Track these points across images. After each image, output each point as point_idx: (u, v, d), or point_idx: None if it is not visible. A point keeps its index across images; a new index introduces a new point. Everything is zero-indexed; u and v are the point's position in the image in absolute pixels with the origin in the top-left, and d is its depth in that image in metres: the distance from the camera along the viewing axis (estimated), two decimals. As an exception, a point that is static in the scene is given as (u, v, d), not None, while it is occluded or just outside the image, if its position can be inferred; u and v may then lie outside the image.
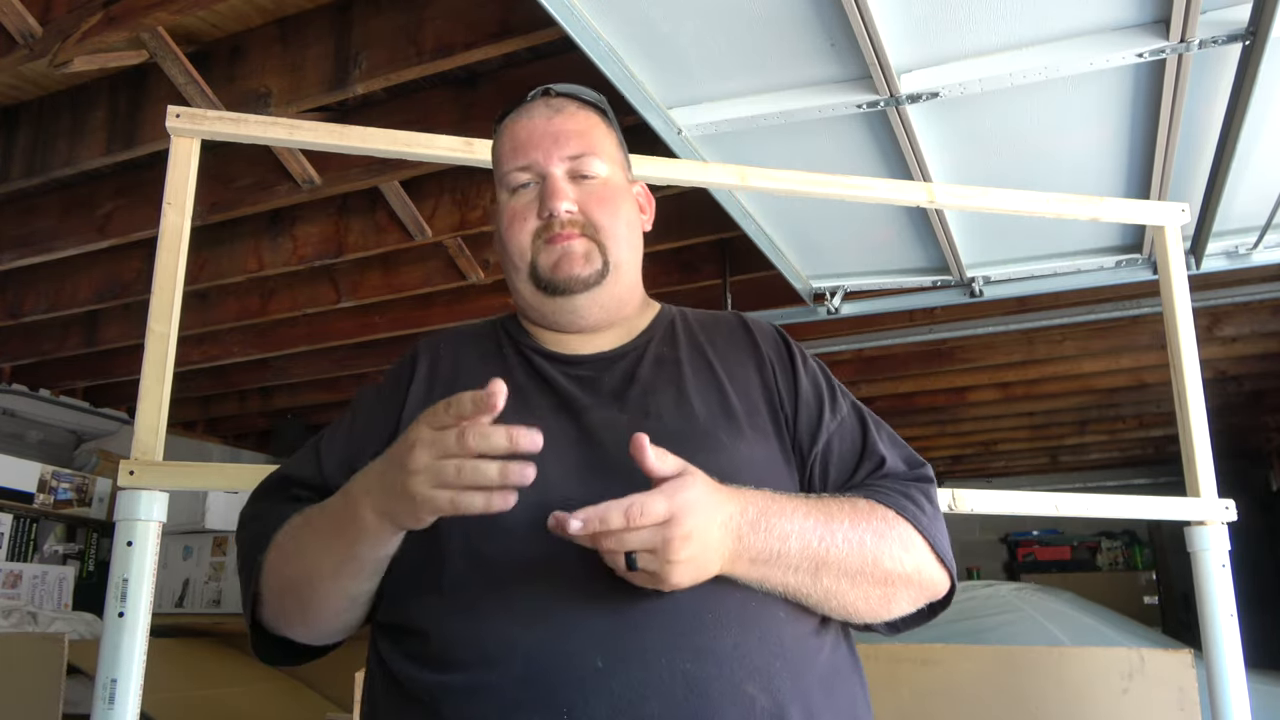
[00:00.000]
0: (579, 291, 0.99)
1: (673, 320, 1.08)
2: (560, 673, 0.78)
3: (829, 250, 2.60)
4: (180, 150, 1.39)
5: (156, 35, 1.97)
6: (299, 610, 0.91)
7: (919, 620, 0.95)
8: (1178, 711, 1.76)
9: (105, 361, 4.13)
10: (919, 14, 1.57)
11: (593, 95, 1.08)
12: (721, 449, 0.91)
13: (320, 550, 0.86)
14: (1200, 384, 1.65)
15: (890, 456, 0.99)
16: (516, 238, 1.01)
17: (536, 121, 1.02)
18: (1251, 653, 1.62)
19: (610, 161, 1.03)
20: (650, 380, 0.98)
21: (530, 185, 1.01)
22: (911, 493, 0.94)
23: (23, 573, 3.53)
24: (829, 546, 0.84)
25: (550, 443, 0.85)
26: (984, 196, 1.73)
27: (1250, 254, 2.44)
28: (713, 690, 0.78)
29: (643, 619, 0.80)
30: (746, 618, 0.83)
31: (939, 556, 0.91)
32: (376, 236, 2.80)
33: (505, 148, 1.04)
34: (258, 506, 1.00)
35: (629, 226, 1.03)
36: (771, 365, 1.02)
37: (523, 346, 1.03)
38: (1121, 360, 4.15)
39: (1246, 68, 1.61)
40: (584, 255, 0.98)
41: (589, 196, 1.00)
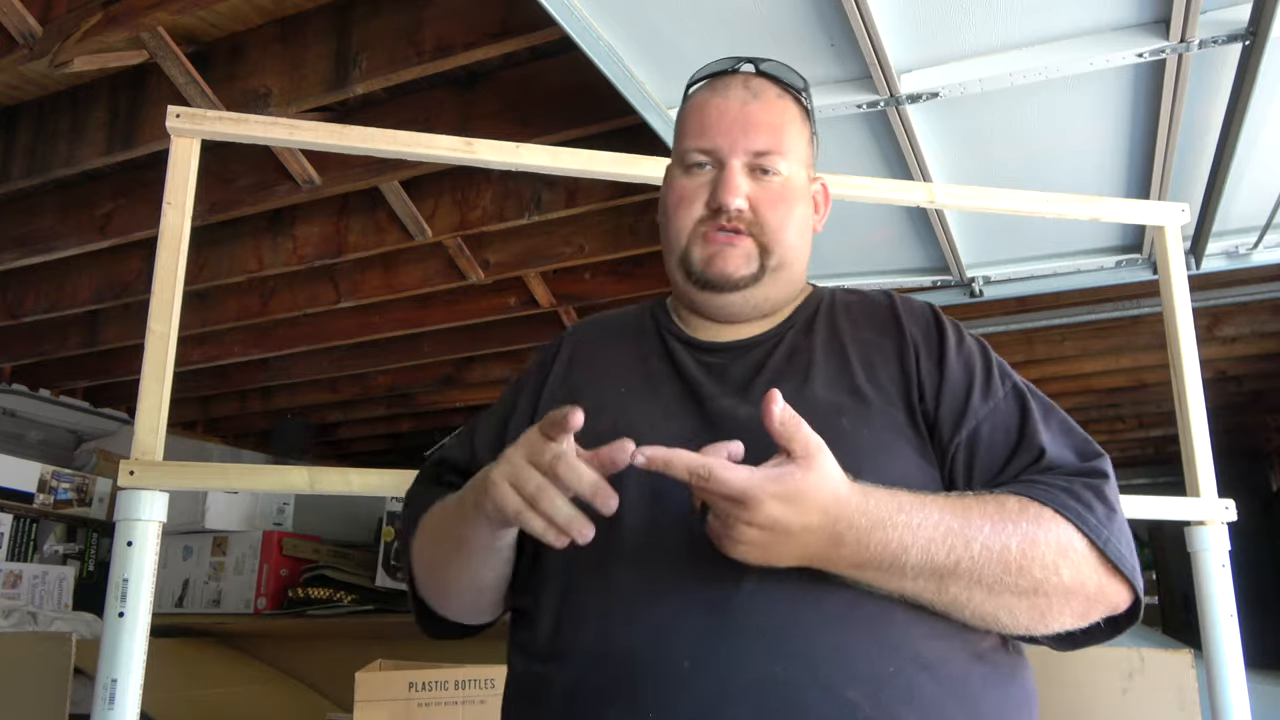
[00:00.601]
0: (730, 290, 0.96)
1: (819, 305, 1.02)
2: (647, 672, 0.76)
3: (828, 250, 2.59)
4: (180, 150, 1.39)
5: (156, 35, 1.97)
6: (439, 590, 0.95)
7: (1097, 637, 0.84)
8: (1178, 711, 1.76)
9: (105, 361, 4.13)
10: (919, 14, 1.57)
11: (797, 80, 1.02)
12: (841, 436, 0.81)
13: (444, 535, 0.89)
14: (1200, 384, 1.65)
15: (1054, 447, 0.87)
16: (679, 220, 0.97)
17: (731, 103, 0.96)
18: (1251, 653, 1.62)
19: (795, 160, 0.98)
20: (779, 370, 0.93)
21: (706, 168, 0.96)
22: (1077, 489, 0.82)
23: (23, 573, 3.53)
24: (959, 557, 0.74)
25: (670, 433, 0.86)
26: (984, 196, 1.73)
27: (1250, 254, 2.44)
28: (806, 696, 0.73)
29: (738, 618, 0.76)
30: (857, 615, 0.77)
31: (1113, 564, 0.79)
32: (376, 236, 2.80)
33: (690, 123, 0.98)
34: (415, 489, 1.04)
35: (799, 230, 0.98)
36: (915, 348, 0.94)
37: (664, 331, 1.01)
38: (1121, 360, 4.15)
39: (1246, 68, 1.61)
40: (744, 256, 0.95)
41: (764, 194, 0.95)
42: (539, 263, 2.98)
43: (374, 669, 2.07)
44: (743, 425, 0.86)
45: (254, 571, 3.74)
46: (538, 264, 3.00)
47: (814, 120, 1.05)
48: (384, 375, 4.38)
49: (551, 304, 3.31)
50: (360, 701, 1.97)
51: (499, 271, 3.03)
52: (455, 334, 3.77)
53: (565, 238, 2.89)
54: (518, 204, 2.62)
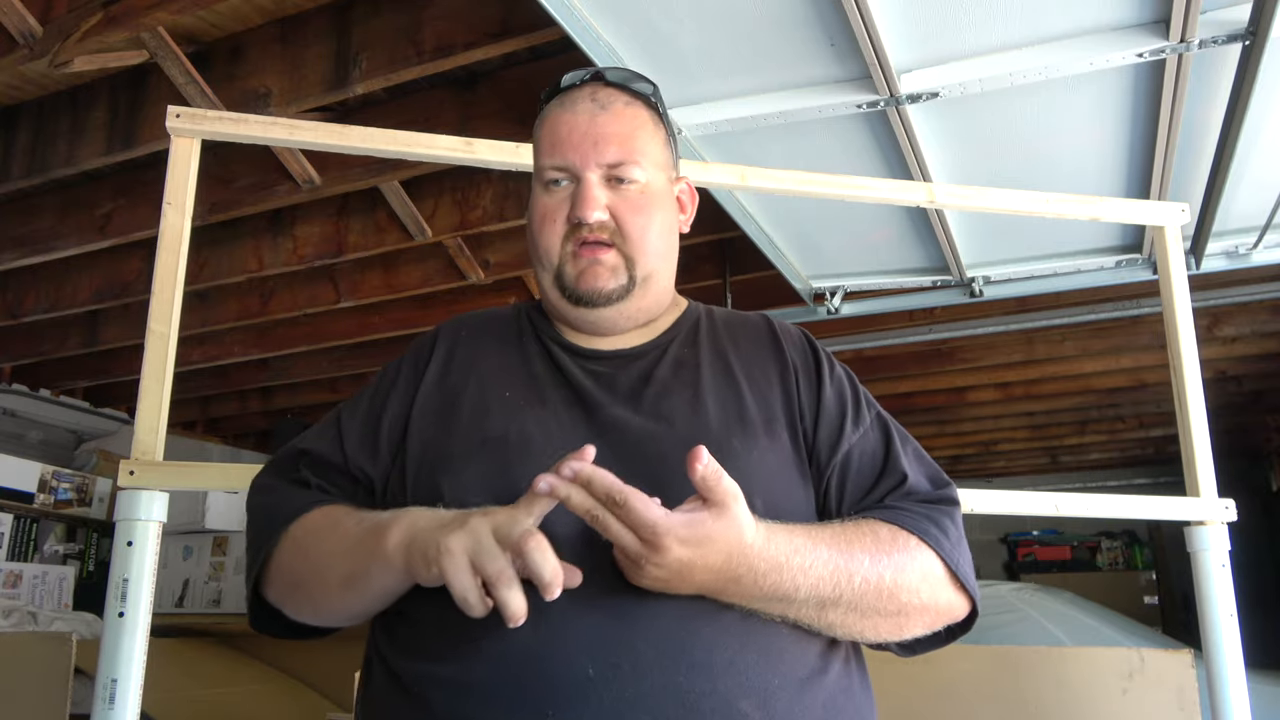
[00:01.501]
0: (603, 305, 0.97)
1: (698, 320, 1.05)
2: (550, 677, 0.77)
3: (829, 250, 2.60)
4: (180, 150, 1.39)
5: (156, 35, 1.97)
6: (308, 606, 0.91)
7: (936, 643, 0.93)
8: (1178, 711, 1.76)
9: (105, 361, 4.13)
10: (919, 14, 1.57)
11: (644, 87, 1.03)
12: (733, 456, 0.88)
13: (338, 559, 0.85)
14: (1200, 384, 1.65)
15: (913, 473, 0.96)
16: (546, 238, 0.98)
17: (579, 118, 0.97)
18: (1251, 653, 1.62)
19: (652, 165, 0.99)
20: (667, 382, 0.96)
21: (564, 184, 0.98)
22: (936, 516, 0.91)
23: (23, 573, 3.53)
24: (842, 591, 0.81)
25: (563, 439, 0.88)
26: (984, 196, 1.73)
27: (1250, 254, 2.44)
28: (704, 706, 0.76)
29: (639, 628, 0.78)
30: (747, 632, 0.81)
31: (960, 583, 0.89)
32: (376, 236, 2.80)
33: (544, 141, 1.00)
34: (273, 479, 0.99)
35: (662, 235, 1.00)
36: (795, 372, 0.99)
37: (543, 336, 1.02)
38: (1121, 360, 4.15)
39: (1246, 68, 1.61)
40: (611, 269, 0.96)
41: (623, 203, 0.97)
42: (539, 263, 2.98)
43: (374, 669, 2.06)
44: (635, 435, 0.90)
45: (254, 571, 3.73)
46: (538, 264, 2.99)
47: (668, 121, 1.06)
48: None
49: (551, 304, 3.30)
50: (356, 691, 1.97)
51: (499, 271, 3.04)
52: (455, 334, 3.77)
53: (565, 238, 2.88)
54: (518, 204, 2.62)
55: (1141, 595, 6.97)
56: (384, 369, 1.06)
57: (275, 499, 0.95)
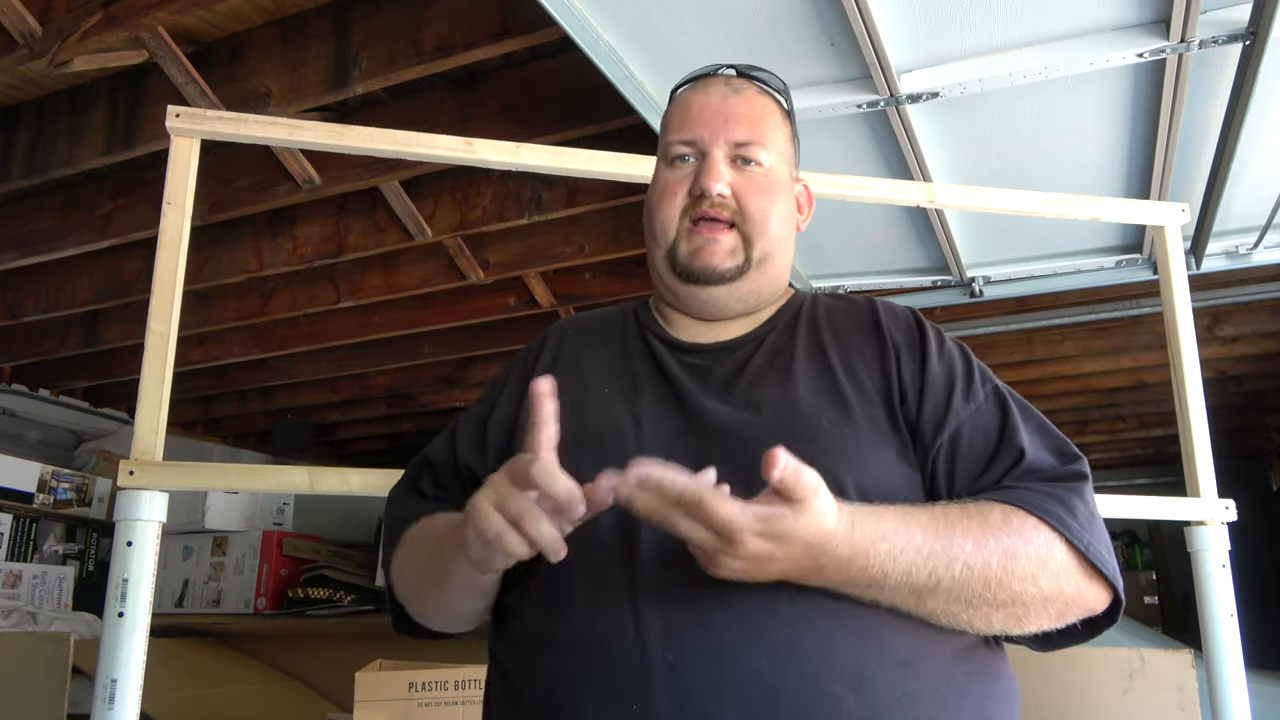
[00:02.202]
0: (715, 284, 0.96)
1: (800, 308, 1.03)
2: (630, 665, 0.76)
3: (829, 250, 2.59)
4: (180, 150, 1.39)
5: (156, 35, 1.97)
6: (418, 607, 0.96)
7: (1075, 637, 0.86)
8: (1178, 711, 1.76)
9: (105, 361, 4.13)
10: (919, 14, 1.57)
11: (777, 82, 1.04)
12: (821, 435, 0.85)
13: (427, 564, 0.89)
14: (1200, 384, 1.65)
15: (1033, 449, 0.88)
16: (663, 211, 0.98)
17: (712, 98, 0.99)
18: (1251, 653, 1.62)
19: (776, 154, 1.00)
20: (760, 371, 0.94)
21: (689, 160, 0.98)
22: (1061, 494, 0.83)
23: (23, 573, 3.53)
24: (940, 578, 0.75)
25: (653, 432, 0.90)
26: (984, 196, 1.73)
27: (1250, 254, 2.44)
28: (791, 688, 0.73)
29: (720, 612, 0.76)
30: (839, 612, 0.77)
31: (1094, 567, 0.82)
32: (376, 236, 2.80)
33: (674, 119, 1.01)
34: (400, 491, 1.04)
35: (782, 222, 0.99)
36: (896, 351, 0.94)
37: (646, 331, 1.02)
38: (1121, 360, 4.15)
39: (1246, 68, 1.61)
40: (728, 250, 0.96)
41: (746, 183, 0.96)
42: (539, 263, 2.98)
43: (374, 669, 2.07)
44: (723, 426, 0.88)
45: (254, 571, 3.74)
46: (538, 264, 2.99)
47: (794, 123, 1.06)
48: (384, 375, 4.38)
49: (551, 304, 3.31)
50: (360, 701, 1.97)
51: (499, 271, 3.04)
52: (455, 334, 3.77)
53: (565, 238, 2.88)
54: (518, 204, 2.61)
55: (1141, 595, 6.97)
56: (495, 374, 1.09)
57: (398, 510, 1.00)
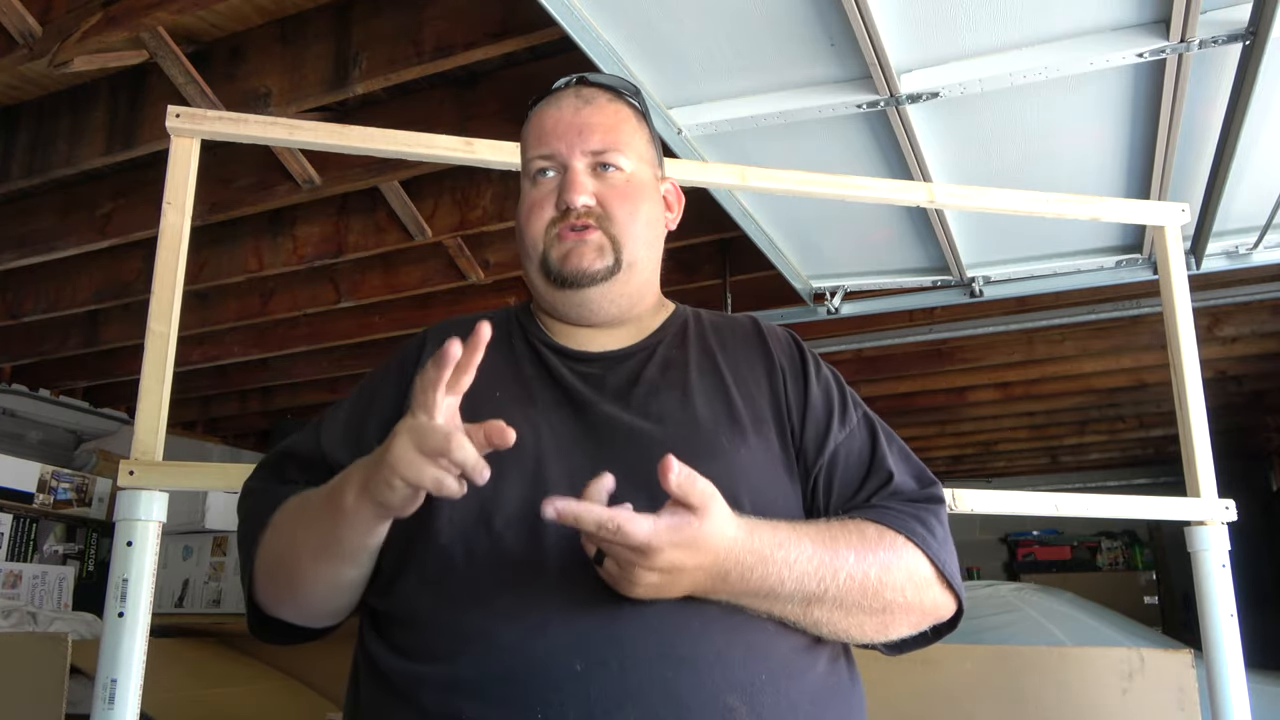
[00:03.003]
0: (588, 285, 0.97)
1: (686, 321, 1.06)
2: (537, 673, 0.77)
3: (829, 250, 2.60)
4: (180, 150, 1.38)
5: (156, 35, 1.97)
6: (288, 590, 0.91)
7: (922, 642, 0.93)
8: (1178, 711, 1.76)
9: (105, 361, 4.13)
10: (919, 14, 1.57)
11: (627, 86, 1.06)
12: (721, 454, 0.90)
13: (307, 531, 0.86)
14: (1200, 384, 1.65)
15: (899, 473, 0.96)
16: (532, 227, 1.01)
17: (564, 112, 1.01)
18: (1251, 653, 1.62)
19: (636, 157, 1.02)
20: (655, 382, 0.96)
21: (551, 175, 1.01)
22: (923, 515, 0.92)
23: (22, 573, 3.53)
24: (827, 587, 0.82)
25: (551, 438, 0.90)
26: (984, 196, 1.73)
27: (1250, 254, 2.44)
28: (691, 700, 0.77)
29: (626, 624, 0.79)
30: (733, 626, 0.81)
31: (947, 582, 0.90)
32: (376, 236, 2.80)
33: (531, 136, 1.04)
34: (258, 481, 1.01)
35: (648, 224, 1.02)
36: (782, 372, 1.00)
37: (532, 338, 1.02)
38: (1121, 360, 4.15)
39: (1246, 68, 1.61)
40: (597, 249, 0.97)
41: (609, 191, 0.99)
42: (539, 263, 2.98)
43: (374, 669, 2.06)
44: (625, 432, 0.91)
45: (254, 571, 3.73)
46: (538, 264, 2.99)
47: (650, 122, 1.08)
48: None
49: (551, 304, 3.31)
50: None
51: (499, 271, 3.04)
52: (455, 334, 3.77)
53: (565, 238, 2.88)
54: (517, 204, 2.61)
55: (1141, 595, 6.98)
56: (371, 373, 1.07)
57: (259, 499, 0.96)
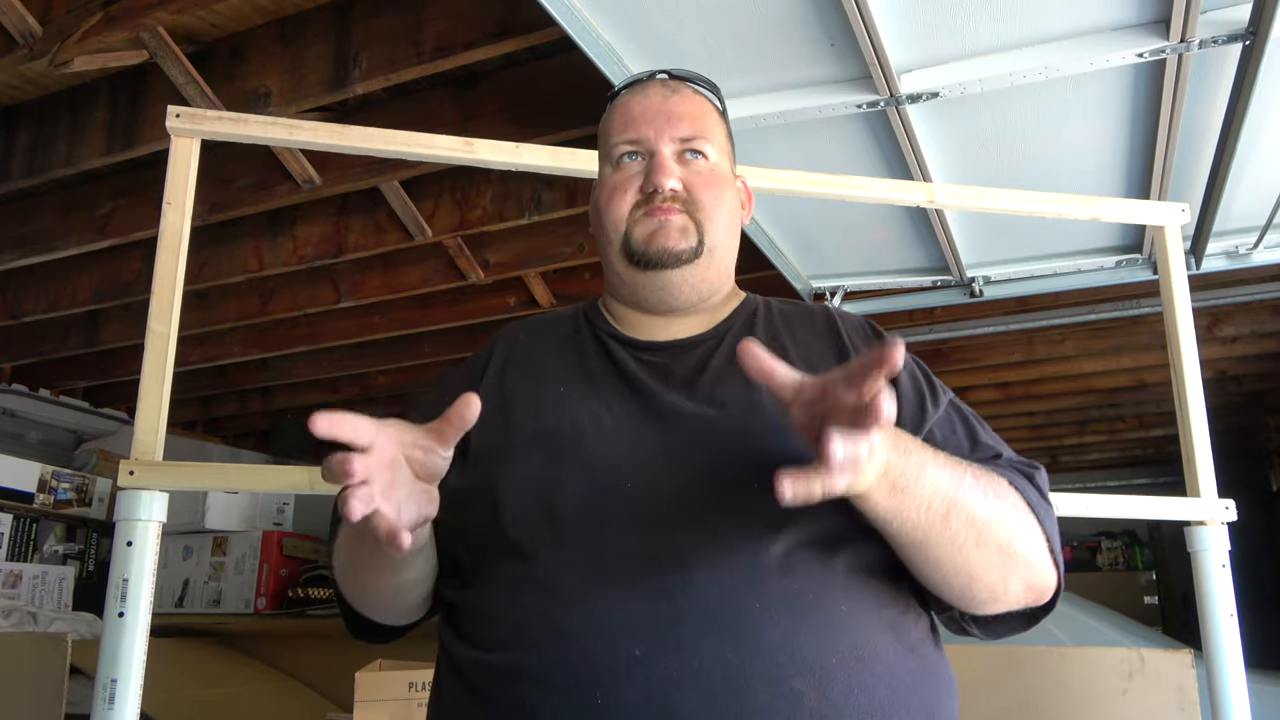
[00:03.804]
0: (671, 266, 0.96)
1: (755, 310, 1.04)
2: (598, 659, 0.77)
3: (829, 250, 2.59)
4: (180, 150, 1.39)
5: (156, 35, 1.97)
6: (360, 595, 0.95)
7: (1018, 624, 0.90)
8: (1178, 711, 1.76)
9: (105, 361, 4.13)
10: (919, 14, 1.57)
11: (710, 83, 1.07)
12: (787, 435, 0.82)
13: (354, 542, 0.89)
14: (1200, 384, 1.65)
15: (1000, 451, 0.93)
16: (615, 209, 0.99)
17: (652, 99, 1.01)
18: (1251, 653, 1.62)
19: (719, 149, 1.02)
20: (721, 370, 0.94)
21: (635, 159, 1.00)
22: (1032, 475, 0.89)
23: (23, 573, 3.53)
24: (959, 490, 0.76)
25: (614, 428, 0.89)
26: (984, 196, 1.73)
27: (1250, 254, 2.44)
28: (753, 683, 0.74)
29: (686, 608, 0.77)
30: (801, 607, 0.78)
31: (1050, 549, 0.85)
32: (376, 236, 2.80)
33: (615, 122, 1.02)
34: None
35: (730, 213, 1.02)
36: None
37: (600, 332, 1.01)
38: (1121, 360, 4.15)
39: (1246, 68, 1.61)
40: (681, 230, 0.96)
41: (695, 177, 0.99)
42: (539, 263, 2.98)
43: (374, 669, 2.07)
44: (690, 420, 0.89)
45: (254, 571, 3.74)
46: (538, 264, 3.00)
47: (729, 122, 1.08)
48: (384, 375, 4.38)
49: (551, 304, 3.31)
50: (360, 701, 1.97)
51: (499, 271, 3.04)
52: (455, 334, 3.77)
53: (565, 238, 2.89)
54: (518, 204, 2.61)
55: (1141, 595, 6.97)
56: (442, 376, 1.08)
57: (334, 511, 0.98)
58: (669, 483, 0.83)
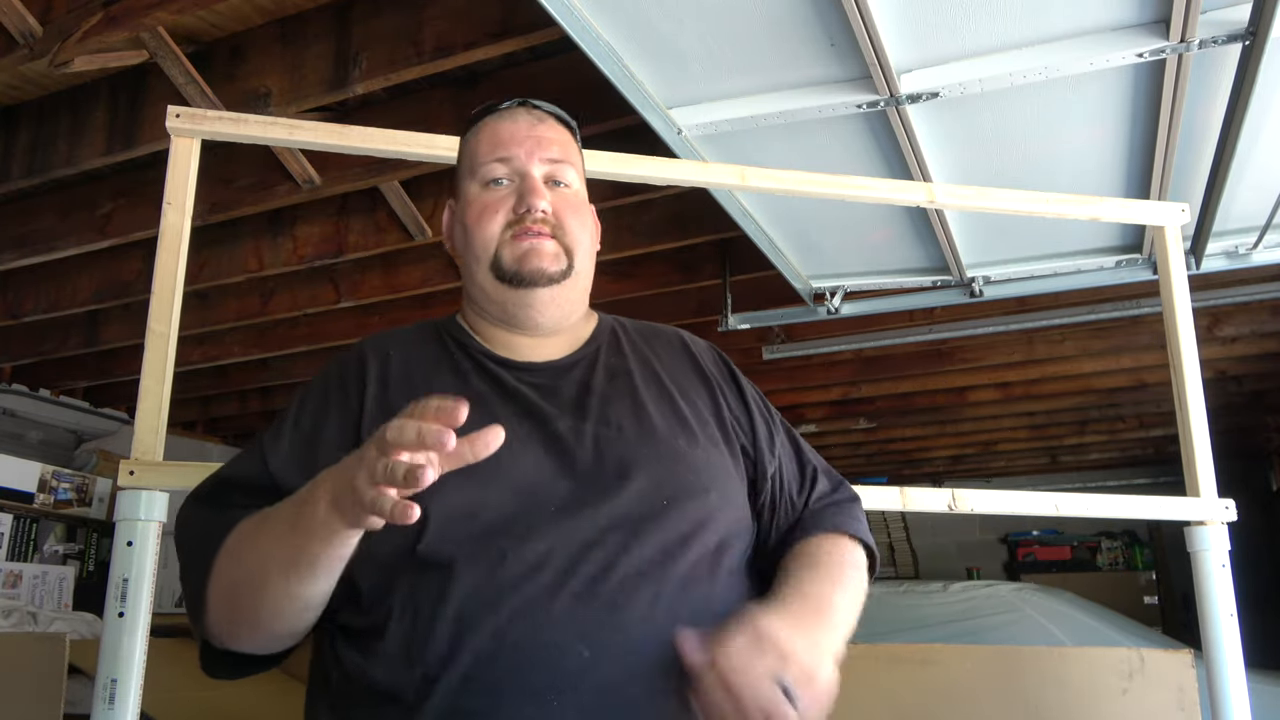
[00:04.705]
0: (543, 285, 1.00)
1: (614, 330, 1.11)
2: (550, 664, 0.81)
3: (829, 250, 2.60)
4: (181, 150, 1.38)
5: (156, 35, 1.97)
6: (250, 614, 0.87)
7: None
8: (1178, 711, 1.76)
9: (105, 361, 4.13)
10: (919, 14, 1.57)
11: (568, 115, 1.12)
12: (681, 456, 0.95)
13: (274, 546, 0.83)
14: (1200, 384, 1.65)
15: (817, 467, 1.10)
16: (485, 229, 1.02)
17: (520, 124, 1.05)
18: (1251, 653, 1.62)
19: (580, 177, 1.08)
20: (605, 390, 1.00)
21: (504, 182, 1.03)
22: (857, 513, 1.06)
23: (23, 573, 3.53)
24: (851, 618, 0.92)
25: (520, 449, 0.92)
26: (984, 196, 1.73)
27: (1250, 254, 2.44)
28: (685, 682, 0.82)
29: (626, 612, 0.84)
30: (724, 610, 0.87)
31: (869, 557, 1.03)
32: (376, 236, 2.80)
33: (483, 143, 1.06)
34: (198, 510, 0.96)
35: (591, 238, 1.07)
36: (719, 386, 1.07)
37: (472, 351, 1.03)
38: (1121, 360, 4.15)
39: (1246, 68, 1.61)
40: (554, 254, 1.01)
41: (562, 202, 1.03)
42: (539, 263, 2.98)
43: (374, 669, 2.06)
44: (589, 443, 0.94)
45: (254, 571, 3.73)
46: (538, 264, 2.99)
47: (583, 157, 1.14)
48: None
49: (551, 304, 3.31)
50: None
51: (499, 271, 3.03)
52: (455, 334, 3.77)
53: (565, 238, 2.88)
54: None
55: (1141, 595, 6.97)
56: (306, 389, 1.04)
57: (205, 527, 0.92)
58: (585, 501, 0.89)
